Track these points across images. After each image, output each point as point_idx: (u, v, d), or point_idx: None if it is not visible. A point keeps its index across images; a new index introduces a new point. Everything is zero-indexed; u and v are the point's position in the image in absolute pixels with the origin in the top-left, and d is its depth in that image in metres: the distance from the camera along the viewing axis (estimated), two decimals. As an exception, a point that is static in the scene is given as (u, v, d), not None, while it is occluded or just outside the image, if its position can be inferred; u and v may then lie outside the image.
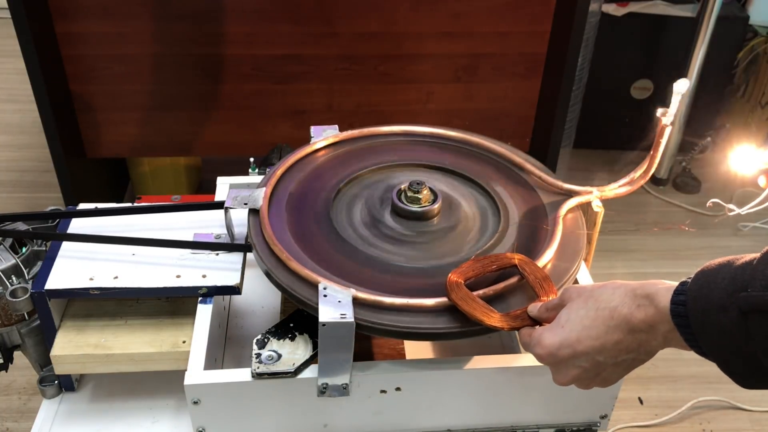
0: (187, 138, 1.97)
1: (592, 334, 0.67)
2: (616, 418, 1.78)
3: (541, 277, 0.80)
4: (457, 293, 0.78)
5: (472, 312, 0.76)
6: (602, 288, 0.69)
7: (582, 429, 0.90)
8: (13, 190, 2.45)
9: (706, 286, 0.59)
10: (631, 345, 0.66)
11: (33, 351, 0.93)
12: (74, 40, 1.77)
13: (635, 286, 0.66)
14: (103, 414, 0.91)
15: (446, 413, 0.87)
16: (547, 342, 0.70)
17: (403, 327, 0.78)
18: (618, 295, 0.67)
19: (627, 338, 0.66)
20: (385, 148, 1.05)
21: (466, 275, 0.80)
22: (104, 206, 1.00)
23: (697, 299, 0.59)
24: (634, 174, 0.95)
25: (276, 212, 0.92)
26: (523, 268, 0.81)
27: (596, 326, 0.67)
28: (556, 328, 0.70)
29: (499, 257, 0.83)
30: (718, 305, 0.57)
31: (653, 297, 0.63)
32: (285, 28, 1.79)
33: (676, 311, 0.61)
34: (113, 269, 0.89)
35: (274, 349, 0.81)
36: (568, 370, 0.71)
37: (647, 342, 0.66)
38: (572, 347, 0.69)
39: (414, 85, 1.91)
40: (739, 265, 0.58)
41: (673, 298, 0.61)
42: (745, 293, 0.56)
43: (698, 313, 0.59)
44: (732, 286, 0.57)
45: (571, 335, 0.69)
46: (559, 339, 0.69)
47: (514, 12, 1.82)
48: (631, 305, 0.65)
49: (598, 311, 0.67)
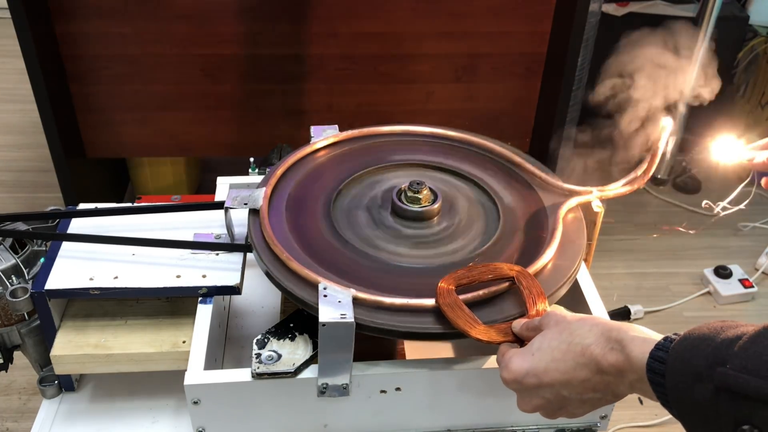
0: (187, 138, 1.97)
1: (560, 367, 0.66)
2: (616, 418, 1.78)
3: (536, 293, 0.78)
4: (445, 299, 0.77)
5: (455, 320, 0.75)
6: (580, 322, 0.68)
7: (582, 429, 0.90)
8: (13, 190, 2.45)
9: (689, 350, 0.57)
10: (598, 385, 0.65)
11: (33, 351, 0.93)
12: (74, 40, 1.77)
13: (611, 327, 0.65)
14: (103, 414, 0.91)
15: (446, 413, 0.87)
16: (514, 367, 0.69)
17: (403, 327, 0.78)
18: (593, 334, 0.65)
19: (594, 378, 0.65)
20: (385, 148, 1.05)
21: (458, 282, 0.79)
22: (104, 206, 1.00)
23: (677, 361, 0.57)
24: (634, 174, 0.95)
25: (276, 212, 0.92)
26: (519, 281, 0.80)
27: (566, 360, 0.66)
28: (526, 354, 0.69)
29: (497, 267, 0.81)
30: (695, 374, 0.56)
31: (626, 344, 0.62)
32: (285, 28, 1.79)
33: (652, 367, 0.59)
34: (113, 269, 0.89)
35: (274, 349, 0.81)
36: (532, 398, 0.70)
37: (614, 385, 0.65)
38: (538, 377, 0.68)
39: (414, 85, 1.91)
40: (727, 336, 0.56)
41: (653, 353, 0.60)
42: (723, 368, 0.53)
43: (675, 375, 0.57)
44: (713, 357, 0.55)
45: (540, 365, 0.68)
46: (527, 366, 0.68)
47: (514, 12, 1.82)
48: (604, 347, 0.64)
49: (571, 345, 0.66)
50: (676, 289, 2.19)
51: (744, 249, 2.32)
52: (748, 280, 2.15)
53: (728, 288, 2.13)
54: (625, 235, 2.36)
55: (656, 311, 2.09)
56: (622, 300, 2.10)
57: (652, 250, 2.32)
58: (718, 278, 2.16)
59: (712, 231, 2.38)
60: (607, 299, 1.87)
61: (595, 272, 0.94)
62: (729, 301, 2.13)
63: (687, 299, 2.14)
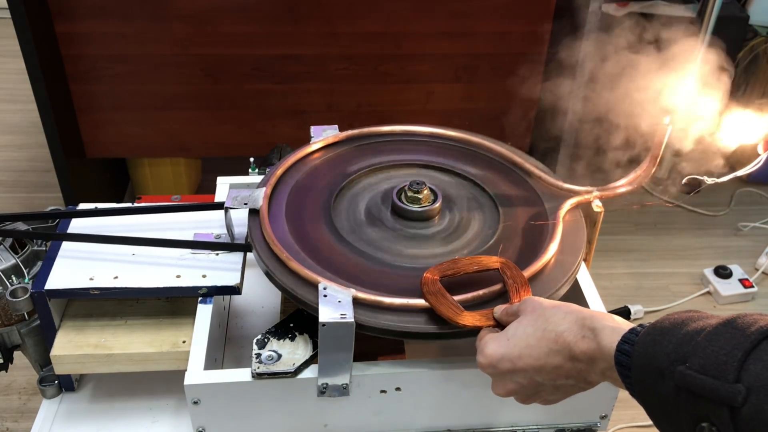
0: (187, 138, 1.97)
1: (534, 353, 0.67)
2: (616, 418, 1.78)
3: (520, 283, 0.79)
4: (429, 288, 0.78)
5: (439, 307, 0.77)
6: (555, 309, 0.69)
7: (582, 429, 0.90)
8: (13, 190, 2.45)
9: (652, 345, 0.58)
10: (571, 372, 0.66)
11: (33, 351, 0.93)
12: (74, 40, 1.77)
13: (585, 315, 0.66)
14: (103, 414, 0.91)
15: (446, 413, 0.87)
16: (489, 351, 0.70)
17: (403, 327, 0.78)
18: (567, 321, 0.66)
19: (567, 365, 0.66)
20: (385, 148, 1.05)
21: (443, 273, 0.80)
22: (104, 206, 1.00)
23: (641, 356, 0.58)
24: (634, 174, 0.95)
25: (276, 212, 0.92)
26: (504, 271, 0.81)
27: (539, 347, 0.67)
28: (501, 340, 0.70)
29: (482, 259, 0.83)
30: (658, 370, 0.56)
31: (597, 333, 0.63)
32: (285, 28, 1.79)
33: (619, 359, 0.60)
34: (113, 269, 0.89)
35: (274, 349, 0.81)
36: (506, 383, 0.71)
37: (586, 372, 0.65)
38: (512, 362, 0.69)
39: (414, 85, 1.91)
40: (688, 331, 0.56)
41: (619, 346, 0.60)
42: (683, 367, 0.54)
43: (640, 369, 0.58)
44: (675, 354, 0.55)
45: (514, 350, 0.69)
46: (502, 351, 0.69)
47: (514, 12, 1.82)
48: (577, 334, 0.65)
49: (545, 332, 0.67)
50: (676, 289, 2.19)
51: (744, 249, 2.32)
52: (748, 280, 2.15)
53: (728, 288, 2.13)
54: (625, 235, 2.36)
55: (656, 311, 2.09)
56: (622, 300, 2.10)
57: (652, 250, 2.32)
58: (718, 278, 2.16)
59: (712, 231, 2.38)
60: (607, 299, 1.87)
61: (595, 272, 0.94)
62: (729, 301, 2.13)
63: (687, 299, 2.14)
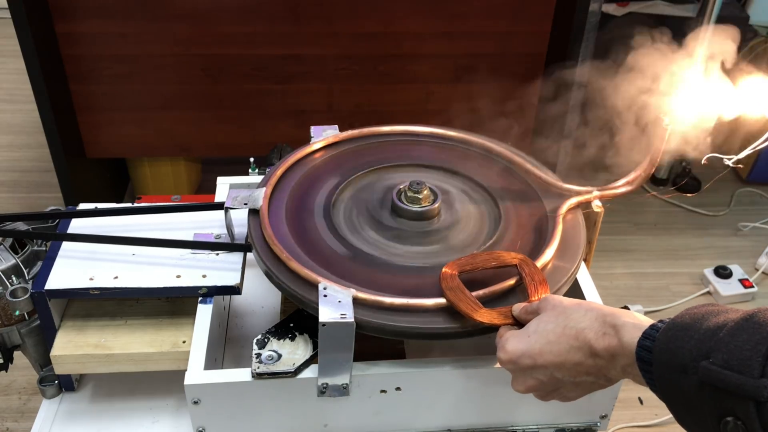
0: (187, 138, 1.97)
1: (554, 350, 0.68)
2: (616, 418, 1.78)
3: (538, 281, 0.79)
4: (448, 283, 0.79)
5: (458, 303, 0.77)
6: (576, 307, 0.69)
7: (582, 429, 0.90)
8: (13, 190, 2.45)
9: (673, 341, 0.58)
10: (591, 369, 0.67)
11: (33, 351, 0.93)
12: (74, 40, 1.77)
13: (606, 312, 0.66)
14: (103, 414, 0.91)
15: (446, 413, 0.87)
16: (510, 348, 0.71)
17: (403, 327, 0.78)
18: (588, 318, 0.67)
19: (587, 361, 0.66)
20: (385, 148, 1.05)
21: (461, 268, 0.81)
22: (104, 206, 1.00)
23: (663, 352, 0.59)
24: (634, 174, 0.95)
25: (276, 212, 0.92)
26: (522, 268, 0.81)
27: (560, 343, 0.68)
28: (522, 336, 0.71)
29: (500, 255, 0.83)
30: (680, 365, 0.57)
31: (619, 329, 0.63)
32: (285, 28, 1.79)
33: (640, 355, 0.61)
34: (113, 269, 0.89)
35: (274, 349, 0.81)
36: (526, 379, 0.71)
37: (606, 369, 0.66)
38: (533, 358, 0.69)
39: (414, 85, 1.91)
40: (709, 327, 0.57)
41: (640, 342, 0.61)
42: (706, 362, 0.54)
43: (662, 365, 0.59)
44: (697, 350, 0.56)
45: (535, 347, 0.69)
46: (522, 348, 0.70)
47: (514, 12, 1.82)
48: (598, 331, 0.65)
49: (566, 329, 0.68)
50: (676, 289, 2.19)
51: (744, 249, 2.32)
52: (748, 280, 2.15)
53: (728, 288, 2.13)
54: (625, 235, 2.36)
55: (656, 311, 2.09)
56: (622, 300, 2.10)
57: (652, 250, 2.32)
58: (718, 278, 2.16)
59: (712, 231, 2.38)
60: (607, 299, 1.88)
61: (595, 272, 0.94)
62: (729, 301, 2.13)
63: (687, 299, 2.14)
